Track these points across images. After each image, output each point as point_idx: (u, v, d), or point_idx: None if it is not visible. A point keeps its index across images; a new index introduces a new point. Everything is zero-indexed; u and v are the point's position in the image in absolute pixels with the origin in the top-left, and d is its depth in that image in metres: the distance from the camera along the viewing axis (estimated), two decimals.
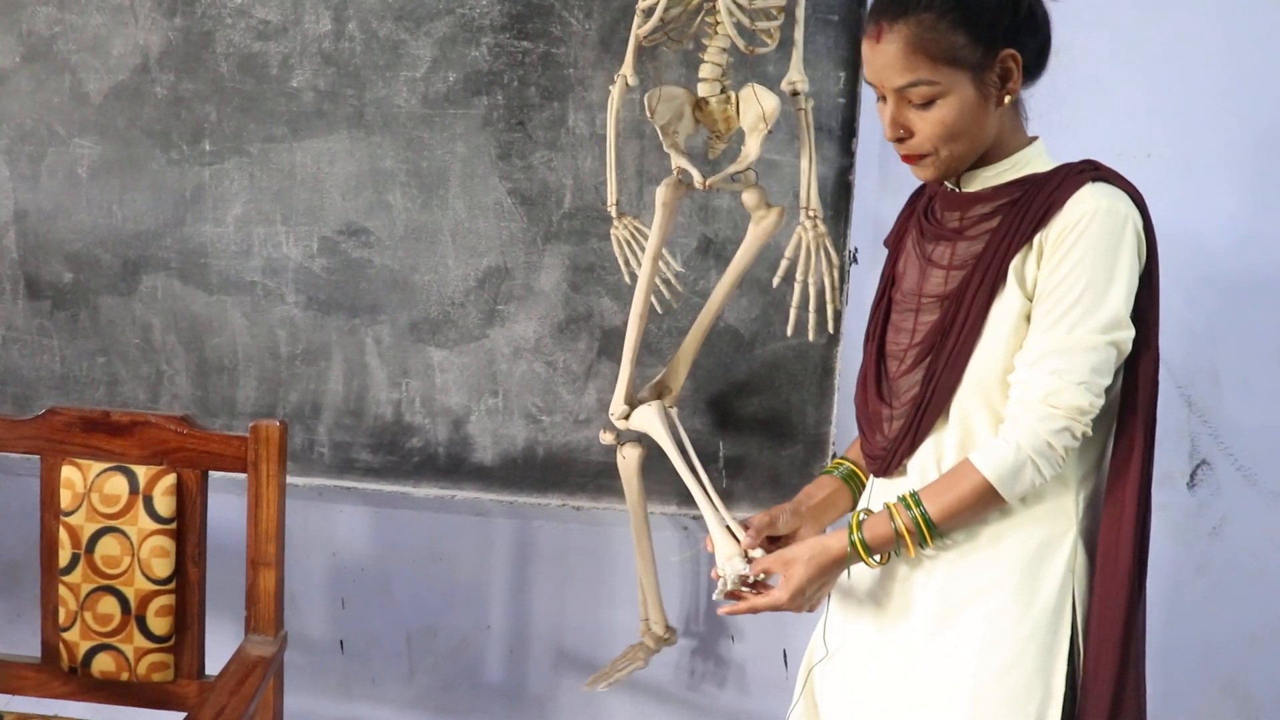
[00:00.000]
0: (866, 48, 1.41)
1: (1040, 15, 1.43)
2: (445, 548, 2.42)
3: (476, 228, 2.20)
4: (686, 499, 2.22)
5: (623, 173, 2.08)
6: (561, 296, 2.20)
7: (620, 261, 2.02)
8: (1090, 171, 1.41)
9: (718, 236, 2.14)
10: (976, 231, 1.43)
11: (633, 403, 2.00)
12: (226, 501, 2.12)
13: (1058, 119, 1.90)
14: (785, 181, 2.10)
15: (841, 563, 1.43)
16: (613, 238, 2.02)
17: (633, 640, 2.27)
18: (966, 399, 1.42)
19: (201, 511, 1.95)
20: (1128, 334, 1.37)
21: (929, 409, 1.44)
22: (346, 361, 2.26)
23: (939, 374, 1.42)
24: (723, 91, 1.85)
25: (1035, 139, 1.47)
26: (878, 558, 1.44)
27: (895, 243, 1.58)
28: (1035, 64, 1.43)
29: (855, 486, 1.61)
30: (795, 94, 1.85)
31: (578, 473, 2.26)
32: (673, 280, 2.02)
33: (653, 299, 1.98)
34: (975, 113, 1.40)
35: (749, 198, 1.90)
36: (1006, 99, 1.41)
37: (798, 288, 1.89)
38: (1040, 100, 1.51)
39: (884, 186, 2.13)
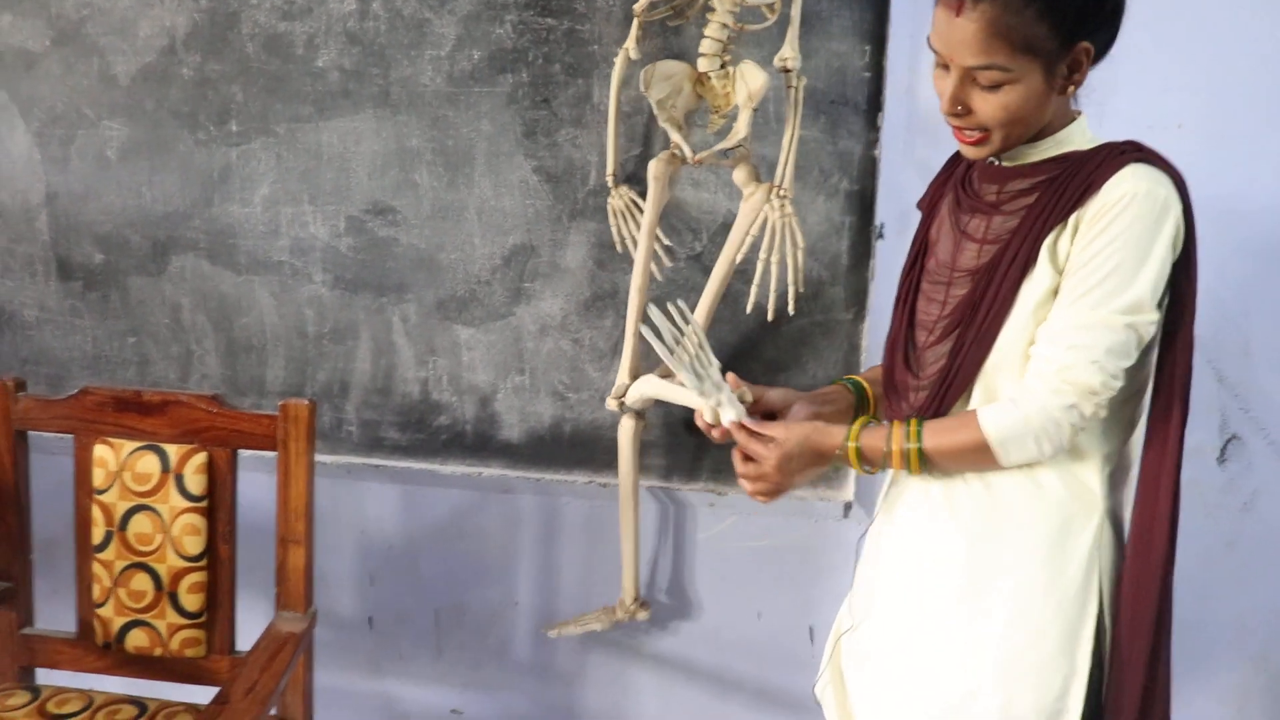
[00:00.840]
0: (942, 16, 1.37)
1: (1120, 8, 1.40)
2: (472, 525, 2.40)
3: (502, 206, 2.19)
4: (686, 476, 2.21)
5: (629, 143, 2.07)
6: (587, 274, 2.20)
7: (614, 232, 2.02)
8: (1132, 152, 1.39)
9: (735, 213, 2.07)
10: (1013, 207, 1.41)
11: (637, 372, 2.00)
12: (256, 480, 2.12)
13: (1087, 91, 1.83)
14: (809, 158, 2.08)
15: (832, 454, 1.43)
16: (609, 208, 2.02)
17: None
18: (992, 374, 1.41)
19: (232, 490, 1.96)
20: (1150, 319, 1.35)
21: (955, 383, 1.42)
22: (374, 340, 2.26)
23: (967, 348, 1.41)
24: (722, 67, 1.84)
25: (1079, 115, 1.45)
26: (868, 467, 1.43)
27: (929, 206, 1.56)
28: (1100, 54, 1.41)
29: (860, 399, 1.60)
30: (786, 71, 1.84)
31: (604, 449, 2.26)
32: (664, 257, 2.01)
33: (652, 268, 1.98)
34: (1039, 100, 1.38)
35: (739, 174, 1.89)
36: (1071, 89, 1.39)
37: (760, 266, 1.88)
38: None
39: (909, 161, 2.09)
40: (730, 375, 1.49)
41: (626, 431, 2.04)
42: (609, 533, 2.34)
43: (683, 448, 2.21)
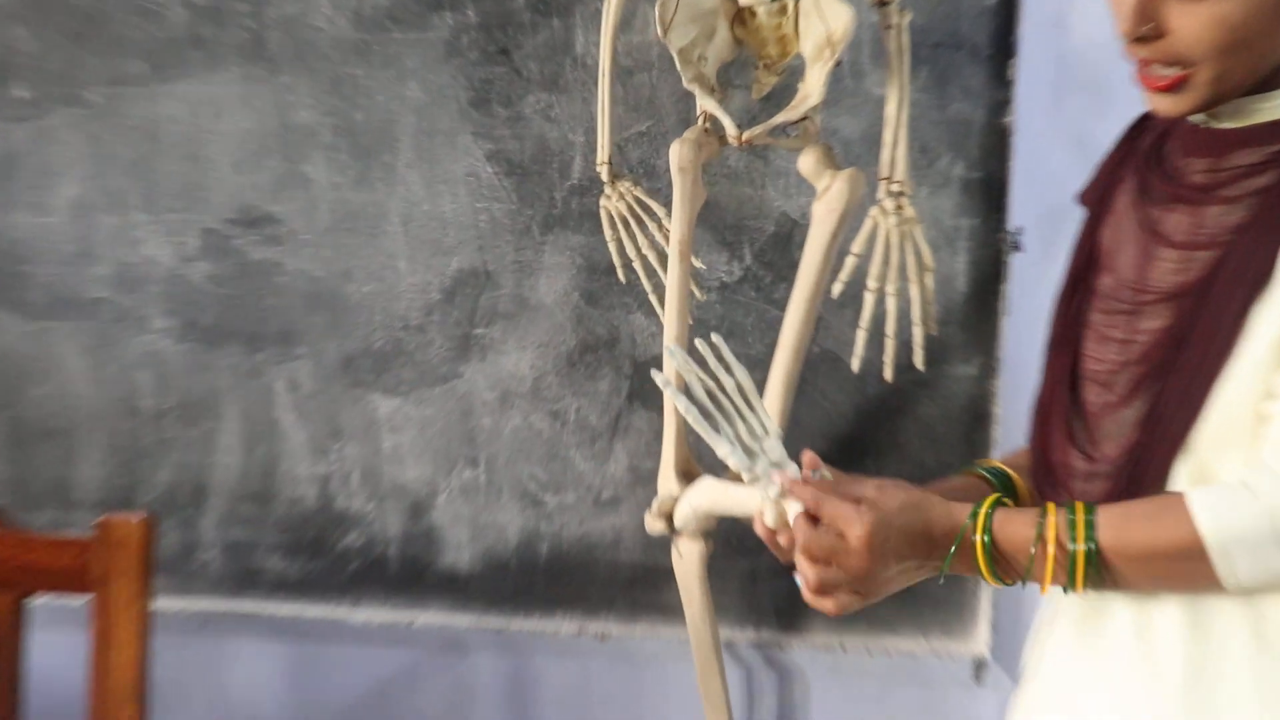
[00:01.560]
0: None
1: None
2: (401, 704, 2.30)
3: (441, 212, 2.12)
4: (772, 622, 2.16)
5: (632, 115, 2.06)
6: (571, 312, 2.13)
7: (612, 250, 1.94)
8: None
9: (806, 218, 1.95)
10: (1235, 191, 1.34)
11: (691, 473, 1.88)
12: (57, 641, 1.94)
13: None
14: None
15: (947, 541, 1.32)
16: (603, 213, 1.94)
17: None
18: (1208, 449, 1.31)
19: (12, 658, 1.81)
20: None
21: (1150, 465, 1.33)
22: (246, 419, 2.21)
23: (1170, 412, 1.32)
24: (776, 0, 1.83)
25: None
26: (1004, 575, 1.33)
27: (1099, 200, 1.50)
28: None
29: (1006, 494, 1.51)
30: (883, 3, 1.83)
31: (602, 582, 2.19)
32: (694, 289, 1.96)
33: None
34: (1272, 17, 1.30)
35: (807, 160, 1.83)
36: None
37: (868, 300, 1.81)
38: None
39: (1059, 131, 2.00)
40: (807, 454, 1.37)
41: (689, 564, 1.93)
42: (610, 707, 2.27)
43: (724, 576, 2.08)
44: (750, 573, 2.14)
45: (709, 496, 1.85)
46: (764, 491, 1.32)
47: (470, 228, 2.13)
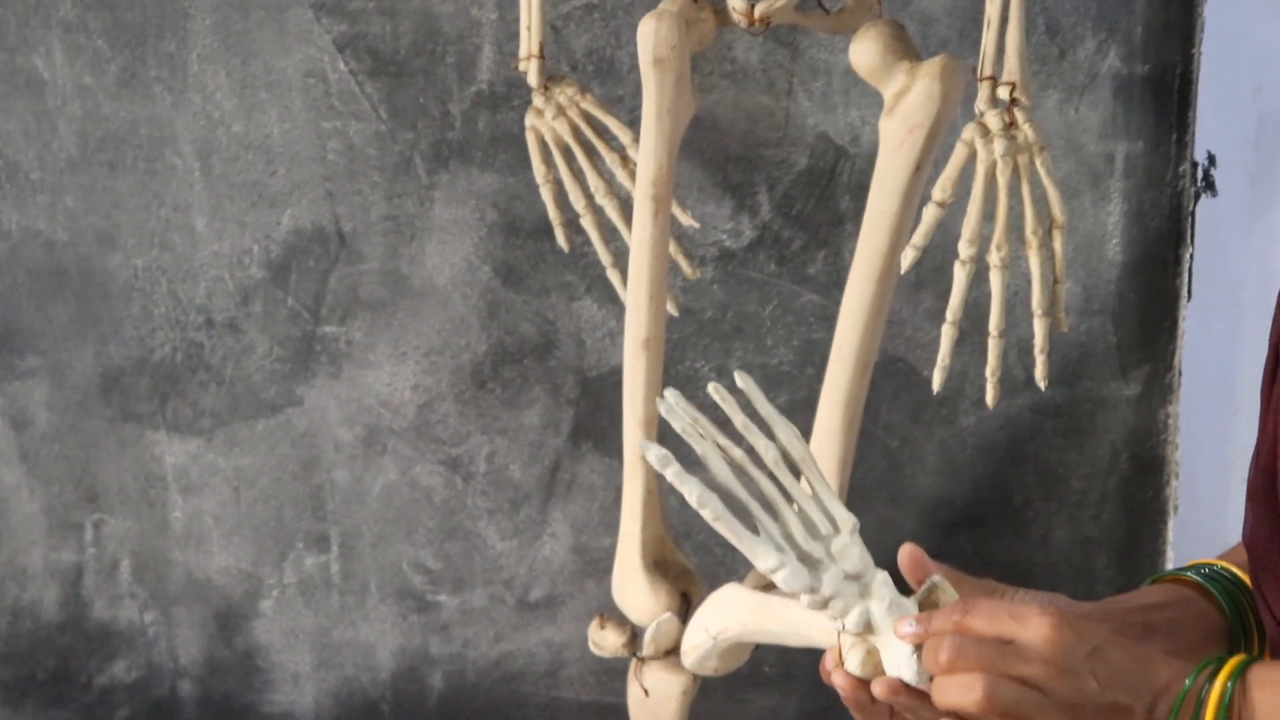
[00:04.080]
0: None
1: None
2: None
3: (263, 136, 1.77)
4: None
5: None
6: (480, 299, 1.79)
7: (546, 197, 1.63)
8: None
9: (861, 144, 1.73)
10: None
11: (668, 564, 1.60)
12: None
13: None
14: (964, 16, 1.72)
15: (1161, 695, 1.04)
16: (529, 138, 1.63)
17: None
18: None
19: None
20: None
21: None
22: None
23: None
24: None
25: None
26: None
27: None
28: None
29: (1227, 605, 1.25)
30: None
31: None
32: (682, 262, 1.71)
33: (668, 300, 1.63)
34: None
35: (865, 49, 1.54)
36: None
37: (959, 277, 1.45)
38: None
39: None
40: (907, 550, 1.13)
41: (664, 709, 1.62)
42: None
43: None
44: (770, 718, 1.78)
45: (741, 617, 1.38)
46: (843, 624, 1.12)
47: (312, 162, 1.71)
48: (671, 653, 1.53)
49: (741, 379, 1.12)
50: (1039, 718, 1.06)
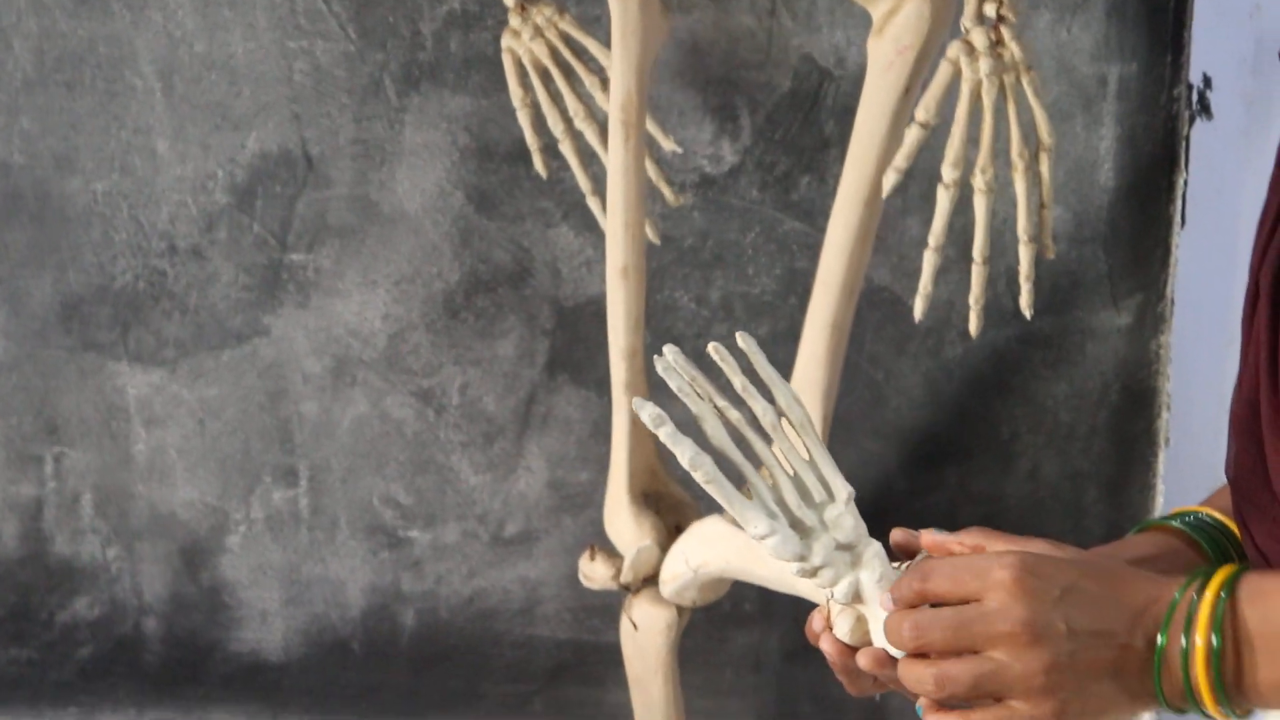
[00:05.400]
0: None
1: None
2: None
3: (227, 55, 1.75)
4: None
5: None
6: (452, 225, 1.77)
7: (523, 121, 1.63)
8: None
9: (846, 65, 1.75)
10: None
11: (659, 495, 1.62)
12: None
13: None
14: None
15: (1152, 612, 1.02)
16: (505, 59, 1.63)
17: None
18: None
19: None
20: None
21: None
22: None
23: None
24: None
25: None
26: (1237, 688, 1.01)
27: None
28: None
29: (1211, 548, 1.22)
30: None
31: (505, 669, 1.83)
32: (663, 187, 1.69)
33: (647, 227, 1.61)
34: None
35: None
36: None
37: (943, 201, 1.46)
38: None
39: None
40: (897, 535, 1.11)
41: (649, 643, 1.64)
42: None
43: (699, 654, 1.74)
44: (751, 656, 1.78)
45: (725, 554, 1.48)
46: (831, 592, 1.10)
47: (279, 83, 1.70)
48: (651, 580, 1.55)
49: (743, 339, 1.11)
50: (1008, 691, 1.05)
